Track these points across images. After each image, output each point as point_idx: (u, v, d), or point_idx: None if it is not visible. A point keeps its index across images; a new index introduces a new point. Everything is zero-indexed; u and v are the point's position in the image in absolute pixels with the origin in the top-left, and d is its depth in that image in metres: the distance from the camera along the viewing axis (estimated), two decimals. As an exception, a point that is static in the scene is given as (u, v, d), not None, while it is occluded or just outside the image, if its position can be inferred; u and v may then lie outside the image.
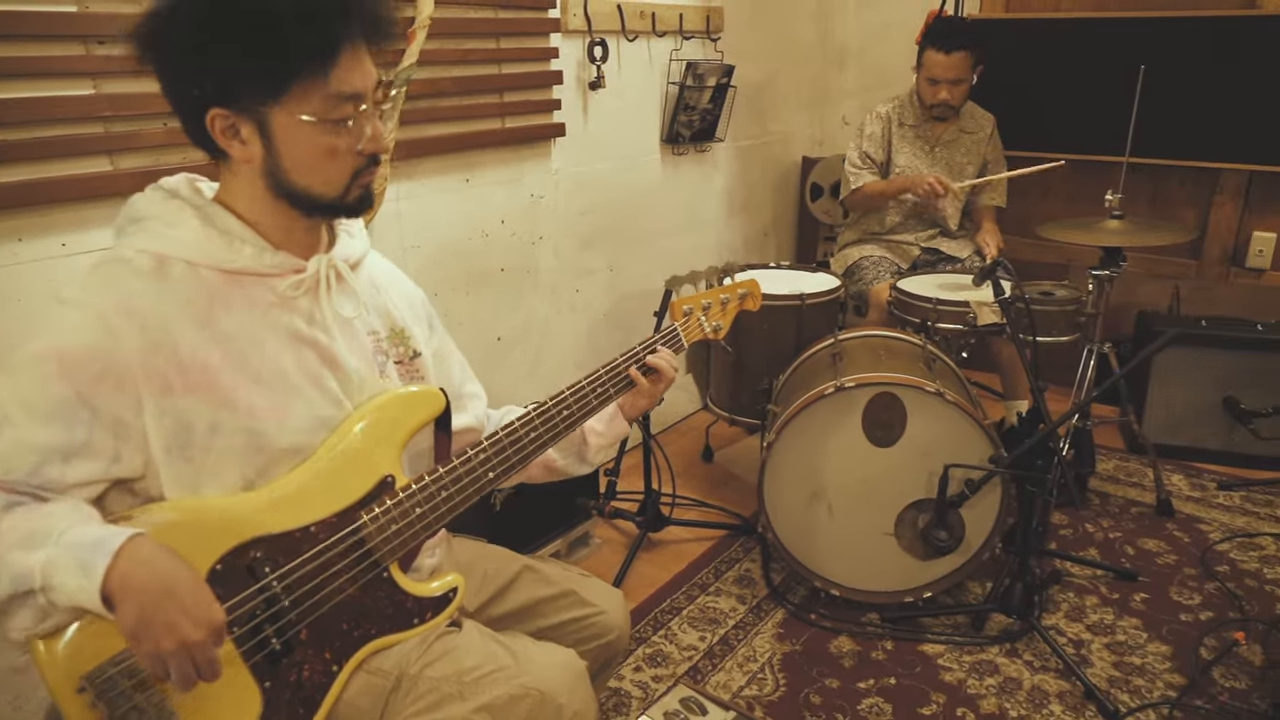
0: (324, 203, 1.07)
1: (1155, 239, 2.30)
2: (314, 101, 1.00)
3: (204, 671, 0.93)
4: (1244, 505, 2.61)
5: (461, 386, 1.38)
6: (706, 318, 1.59)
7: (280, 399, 1.07)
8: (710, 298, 1.61)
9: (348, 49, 1.00)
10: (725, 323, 1.63)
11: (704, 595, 2.23)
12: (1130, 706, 1.83)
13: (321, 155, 1.04)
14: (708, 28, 2.98)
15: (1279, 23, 2.92)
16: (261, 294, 1.08)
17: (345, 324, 1.15)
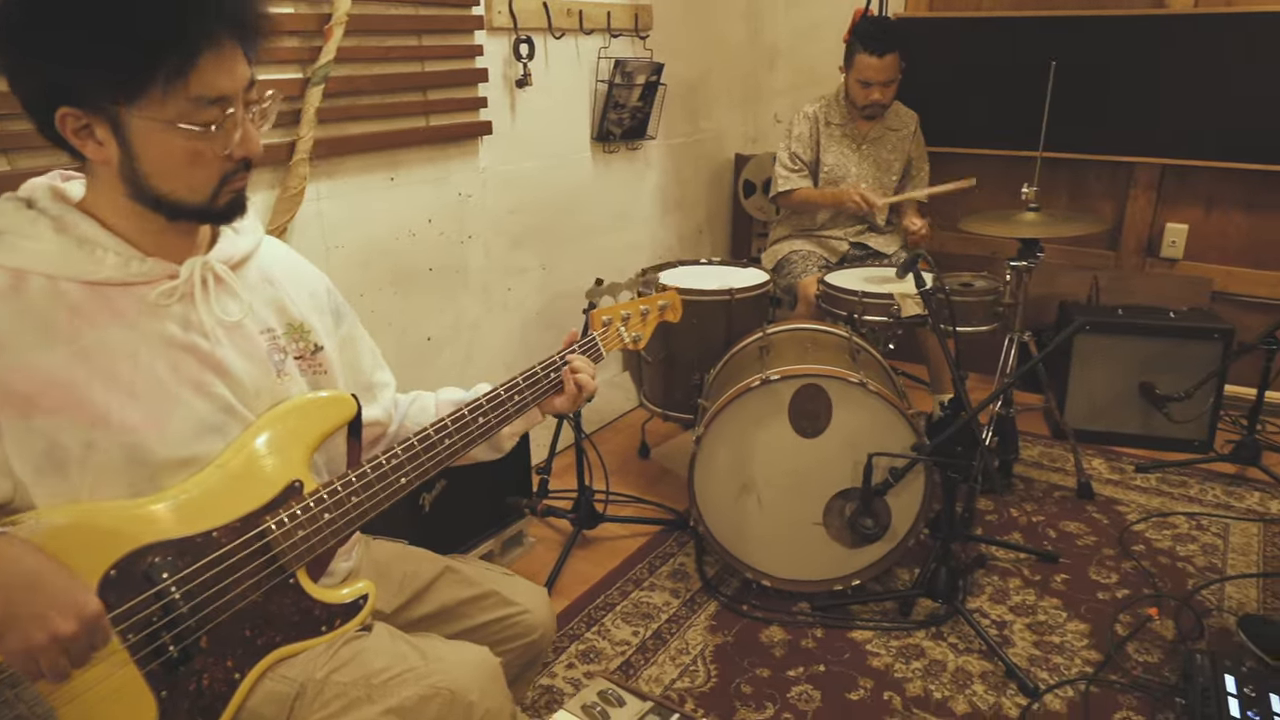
0: (190, 209, 1.03)
1: (1069, 230, 2.37)
2: (173, 105, 0.95)
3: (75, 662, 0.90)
4: (1160, 486, 2.70)
5: (372, 375, 1.36)
6: (626, 328, 1.59)
7: (158, 410, 1.03)
8: (630, 309, 1.62)
9: (210, 49, 0.95)
10: (645, 333, 1.64)
11: (638, 590, 2.23)
12: (1049, 683, 1.88)
13: (183, 161, 0.99)
14: (636, 26, 2.99)
15: (1185, 22, 3.03)
16: (129, 304, 1.03)
17: (232, 327, 1.11)
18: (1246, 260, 3.20)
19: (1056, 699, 1.85)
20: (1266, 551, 2.35)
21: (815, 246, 2.95)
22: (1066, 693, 1.87)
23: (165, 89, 0.94)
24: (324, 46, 2.00)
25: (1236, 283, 3.21)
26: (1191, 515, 2.52)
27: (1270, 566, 2.29)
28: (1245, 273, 3.20)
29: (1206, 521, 2.49)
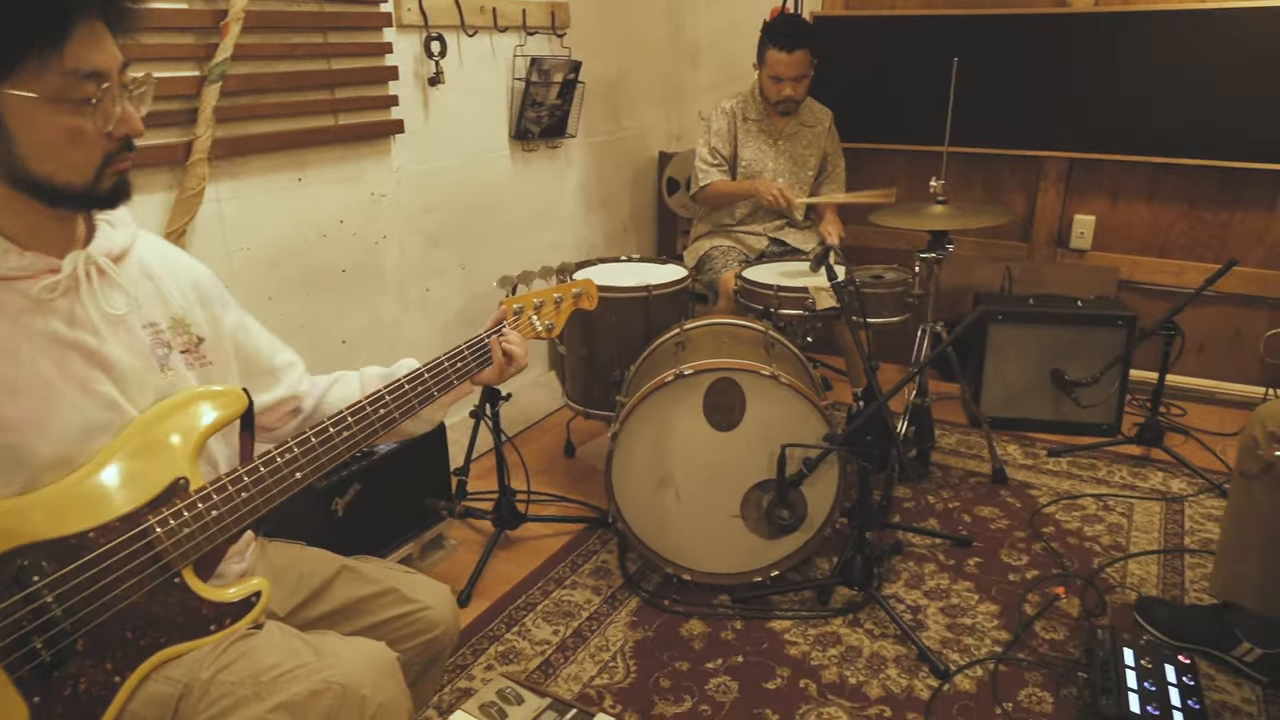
0: (72, 193, 1.01)
1: (976, 222, 2.43)
2: (49, 79, 0.94)
3: None
4: (1070, 470, 2.79)
5: (273, 359, 1.35)
6: (539, 316, 1.58)
7: (41, 408, 1.01)
8: (543, 296, 1.61)
9: (83, 24, 0.95)
10: (559, 321, 1.62)
11: (560, 589, 2.22)
12: (960, 664, 1.93)
13: (63, 139, 0.97)
14: (553, 24, 2.98)
15: (1086, 20, 3.14)
16: (11, 299, 1.01)
17: (116, 321, 1.09)
18: (1150, 249, 3.32)
19: (966, 679, 1.89)
20: (1167, 529, 2.44)
21: (735, 243, 2.97)
22: (976, 672, 1.91)
23: (40, 64, 0.93)
24: (220, 43, 1.95)
25: (1142, 271, 3.33)
26: (1099, 496, 2.61)
27: (1170, 543, 2.37)
28: (1149, 261, 3.32)
29: (1113, 502, 2.58)
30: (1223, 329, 3.27)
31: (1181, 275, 3.21)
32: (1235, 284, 3.17)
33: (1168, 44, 3.01)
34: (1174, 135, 3.09)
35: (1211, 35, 2.94)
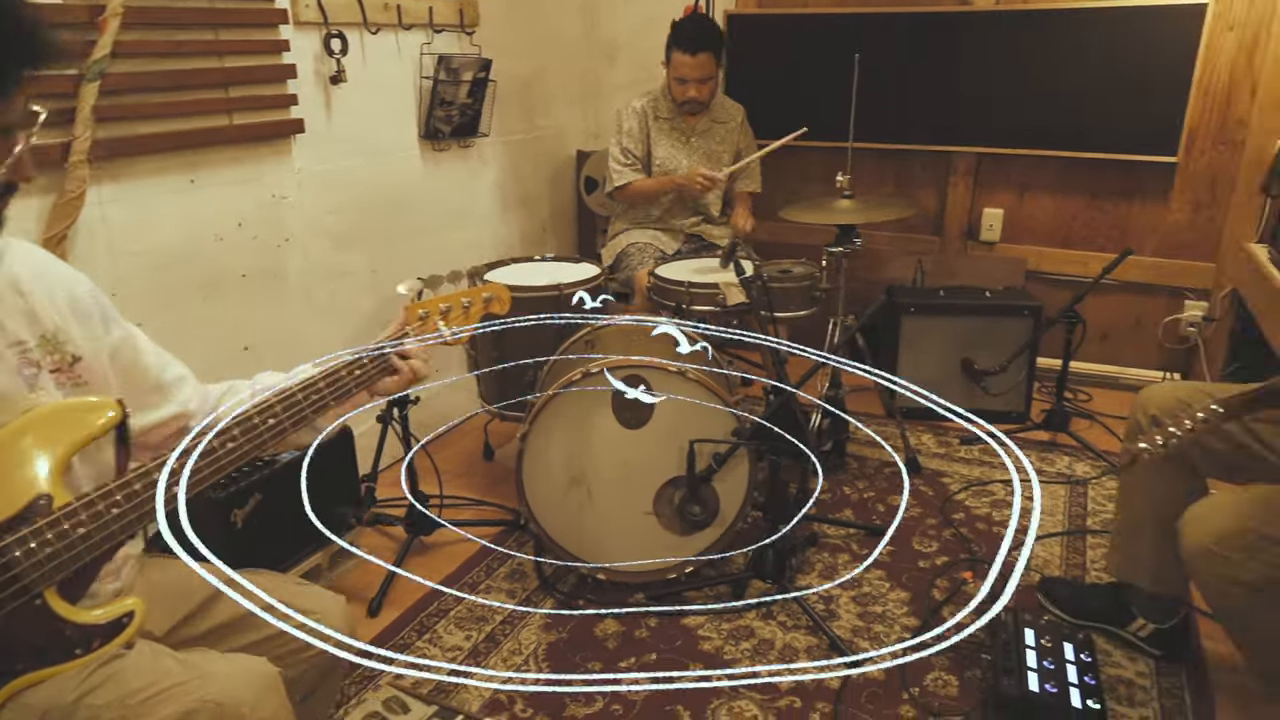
0: None
1: (881, 215, 2.47)
2: None
3: None
4: (981, 457, 2.85)
5: (162, 374, 1.29)
6: (446, 322, 1.55)
7: None
8: (451, 301, 1.57)
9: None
10: (468, 327, 1.60)
11: (473, 594, 2.19)
12: (869, 652, 1.95)
13: None
14: (462, 22, 2.94)
15: (989, 18, 3.21)
16: None
17: None
18: (1055, 240, 3.41)
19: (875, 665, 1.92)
20: (1071, 511, 2.51)
21: (651, 239, 2.97)
22: (886, 659, 1.93)
23: None
24: (99, 40, 1.87)
25: (1048, 262, 3.43)
26: (1007, 482, 2.67)
27: (1074, 524, 2.44)
28: (1055, 252, 3.41)
29: (1021, 487, 2.64)
30: (1124, 316, 3.38)
31: (1085, 265, 3.31)
32: (1134, 273, 3.28)
33: (1067, 41, 3.10)
34: (1076, 130, 3.18)
35: (1108, 33, 3.04)
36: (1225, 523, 1.42)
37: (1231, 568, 1.41)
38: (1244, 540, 1.40)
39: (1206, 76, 3.03)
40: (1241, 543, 1.40)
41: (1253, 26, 2.94)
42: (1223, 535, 1.42)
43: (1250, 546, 1.40)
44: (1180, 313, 3.28)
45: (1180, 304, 3.28)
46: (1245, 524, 1.41)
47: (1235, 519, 1.42)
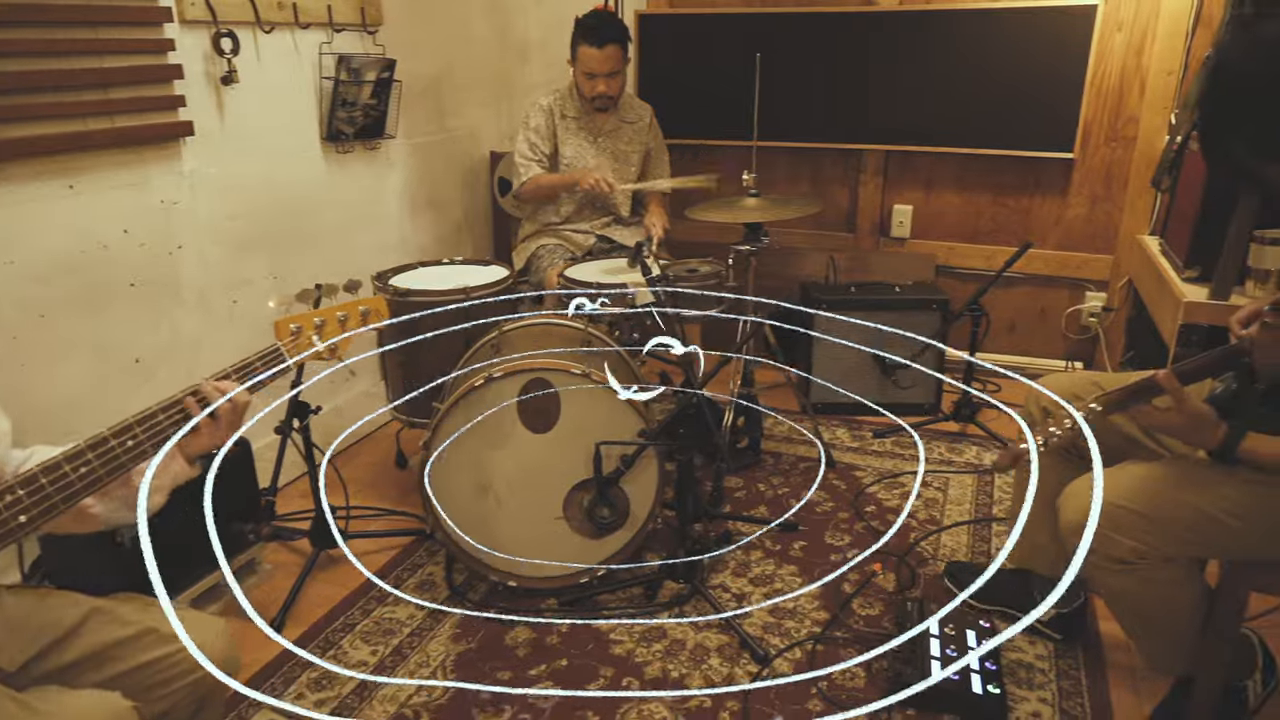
0: None
1: (785, 213, 2.49)
2: None
3: None
4: (894, 449, 2.90)
5: None
6: (320, 336, 1.50)
7: None
8: (325, 315, 1.53)
9: None
10: (343, 342, 1.55)
11: (381, 607, 2.14)
12: (780, 648, 1.96)
13: None
14: (364, 21, 2.87)
15: (893, 18, 3.27)
16: None
17: None
18: (963, 236, 3.49)
19: (785, 661, 1.92)
20: (978, 499, 2.57)
21: (561, 241, 2.95)
22: (795, 654, 1.95)
23: None
24: (-42, 38, 1.77)
25: (957, 257, 3.51)
26: (918, 473, 2.72)
27: (980, 513, 2.50)
28: (964, 247, 3.49)
29: (930, 478, 2.70)
30: (1030, 308, 3.48)
31: (992, 259, 3.40)
32: (1038, 265, 3.38)
33: (967, 41, 3.17)
34: (978, 128, 3.26)
35: (1005, 33, 3.12)
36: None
37: (1104, 544, 1.45)
38: (1115, 517, 1.44)
39: (1099, 76, 3.13)
40: (1112, 520, 1.44)
41: (1140, 27, 3.05)
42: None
43: (1121, 523, 1.44)
44: (1082, 303, 3.39)
45: (1082, 295, 3.39)
46: (1114, 500, 1.45)
47: (1106, 496, 1.46)
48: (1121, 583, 1.50)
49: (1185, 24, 2.96)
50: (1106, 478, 1.52)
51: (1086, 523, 1.46)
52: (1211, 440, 1.38)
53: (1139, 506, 1.43)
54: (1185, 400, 1.37)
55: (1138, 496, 1.44)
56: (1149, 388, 1.41)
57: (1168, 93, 3.04)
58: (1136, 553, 1.44)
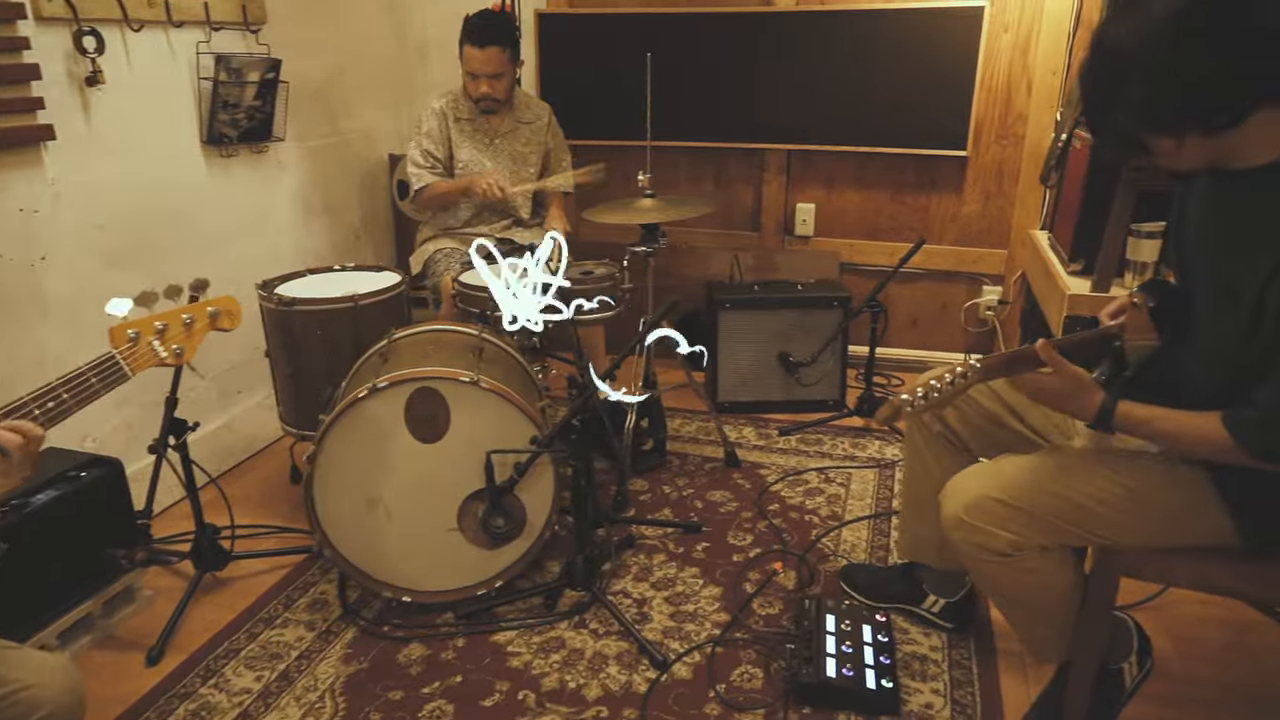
0: None
1: (680, 214, 2.48)
2: None
3: None
4: (799, 446, 2.92)
5: None
6: (163, 342, 1.42)
7: None
8: (168, 318, 1.45)
9: None
10: (191, 346, 1.48)
11: (269, 630, 2.05)
12: (679, 653, 1.94)
13: None
14: (246, 19, 2.75)
15: (790, 19, 3.29)
16: None
17: None
18: (864, 233, 3.54)
19: (684, 666, 1.91)
20: (879, 494, 2.60)
21: (460, 244, 2.88)
22: (694, 658, 1.93)
23: None
24: None
25: (859, 254, 3.55)
26: (821, 470, 2.74)
27: (881, 507, 2.53)
28: (865, 244, 3.54)
29: (833, 474, 2.72)
30: (931, 303, 3.55)
31: (894, 256, 3.44)
32: (937, 261, 3.45)
33: (862, 41, 3.21)
34: (876, 127, 3.31)
35: (899, 33, 3.17)
36: (973, 494, 1.48)
37: (982, 536, 1.47)
38: (990, 510, 1.46)
39: (988, 75, 3.21)
40: (989, 513, 1.46)
41: (1025, 28, 3.14)
42: (970, 505, 1.48)
43: (996, 516, 1.46)
44: (979, 297, 3.47)
45: (979, 289, 3.47)
46: (989, 494, 1.47)
47: (981, 490, 1.48)
48: (1000, 574, 1.52)
49: (1067, 25, 3.06)
50: (981, 472, 1.54)
51: (964, 517, 1.48)
52: (1089, 407, 1.41)
53: (1013, 499, 1.46)
54: (1064, 365, 1.40)
55: (1011, 489, 1.47)
56: (1028, 357, 1.44)
57: (1053, 91, 3.14)
58: (1013, 545, 1.46)
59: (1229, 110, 1.21)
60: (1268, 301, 1.23)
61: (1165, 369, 1.47)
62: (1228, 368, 1.34)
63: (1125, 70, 1.24)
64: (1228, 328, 1.32)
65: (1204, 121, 1.22)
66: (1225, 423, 1.30)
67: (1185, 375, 1.44)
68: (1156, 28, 1.20)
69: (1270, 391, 1.25)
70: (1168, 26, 1.19)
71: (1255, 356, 1.27)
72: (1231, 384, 1.32)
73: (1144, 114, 1.26)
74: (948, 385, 1.43)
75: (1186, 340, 1.44)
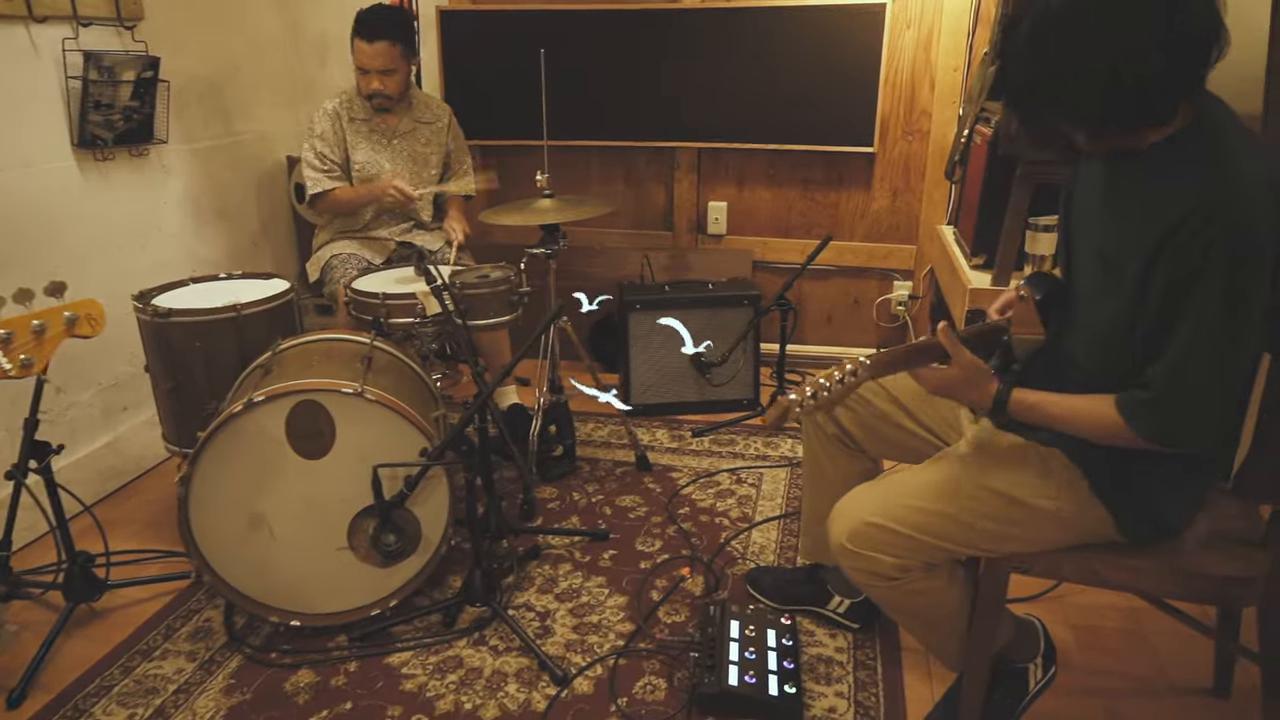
0: None
1: (579, 214, 2.42)
2: None
3: None
4: (711, 448, 2.89)
5: None
6: (6, 352, 1.31)
7: None
8: (14, 326, 1.34)
9: None
10: (41, 356, 1.36)
11: (146, 663, 1.93)
12: (581, 667, 1.89)
13: None
14: (119, 15, 2.60)
15: (696, 15, 3.26)
16: None
17: None
18: (776, 230, 3.54)
19: (586, 680, 1.85)
20: (790, 494, 2.58)
21: (359, 249, 2.78)
22: (596, 671, 1.88)
23: None
24: None
25: (772, 252, 3.54)
26: (733, 471, 2.72)
27: (791, 507, 2.51)
28: (777, 242, 3.54)
29: (745, 474, 2.70)
30: (844, 299, 3.56)
31: (805, 253, 3.38)
32: (848, 257, 3.46)
33: (769, 38, 3.20)
34: (784, 124, 3.30)
35: (805, 30, 3.16)
36: (855, 520, 1.46)
37: (865, 562, 1.45)
38: (871, 536, 1.44)
39: (892, 72, 3.22)
40: (870, 539, 1.44)
41: (926, 25, 3.16)
42: (853, 533, 1.45)
43: (878, 541, 1.44)
44: (890, 293, 3.49)
45: (890, 284, 3.49)
46: (869, 519, 1.44)
47: (861, 515, 1.46)
48: (890, 596, 1.50)
49: (966, 21, 3.09)
50: (862, 495, 1.51)
51: (848, 545, 1.45)
52: (985, 395, 1.40)
53: (893, 523, 1.43)
54: (962, 352, 1.39)
55: (891, 513, 1.44)
56: (927, 349, 1.42)
57: (955, 87, 3.17)
58: (897, 568, 1.44)
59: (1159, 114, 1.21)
60: (1152, 278, 1.23)
61: (1049, 360, 1.47)
62: (1110, 353, 1.34)
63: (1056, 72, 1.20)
64: (1111, 309, 1.32)
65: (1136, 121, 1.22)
66: (1118, 405, 1.30)
67: (1068, 363, 1.44)
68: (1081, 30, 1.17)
69: (1160, 372, 1.25)
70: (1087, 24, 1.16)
71: (1139, 338, 1.28)
72: (1112, 369, 1.32)
73: (1071, 114, 1.24)
74: (837, 384, 1.40)
75: (1071, 334, 1.44)
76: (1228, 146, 1.21)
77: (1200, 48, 1.16)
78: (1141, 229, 1.24)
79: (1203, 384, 1.22)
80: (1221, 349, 1.20)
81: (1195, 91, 1.21)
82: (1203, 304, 1.18)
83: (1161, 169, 1.25)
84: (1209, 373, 1.22)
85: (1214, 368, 1.21)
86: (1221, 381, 1.23)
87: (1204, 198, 1.17)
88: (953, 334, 1.41)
